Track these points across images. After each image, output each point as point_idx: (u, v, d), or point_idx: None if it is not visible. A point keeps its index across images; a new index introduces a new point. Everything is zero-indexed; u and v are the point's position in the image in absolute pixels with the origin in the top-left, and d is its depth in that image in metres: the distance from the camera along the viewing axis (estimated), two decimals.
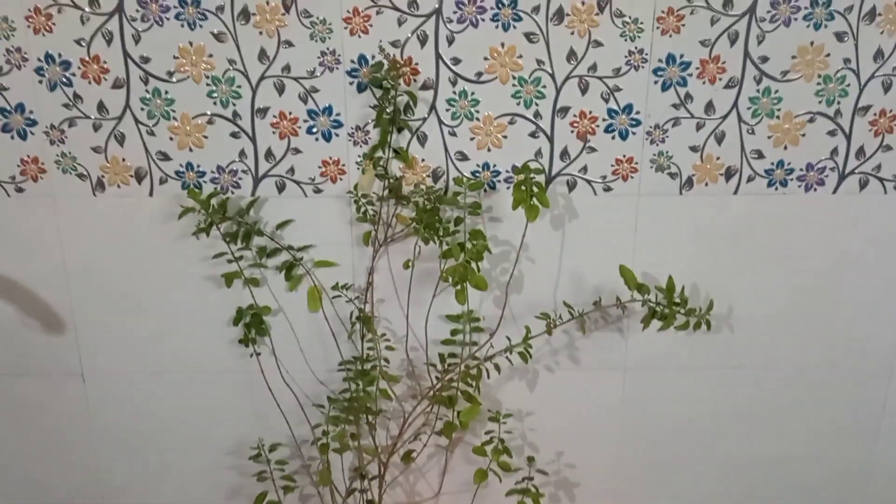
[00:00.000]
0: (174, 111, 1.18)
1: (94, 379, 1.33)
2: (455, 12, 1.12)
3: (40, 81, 1.15)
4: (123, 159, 1.20)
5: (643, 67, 1.16)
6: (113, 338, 1.31)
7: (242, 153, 1.20)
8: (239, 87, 1.16)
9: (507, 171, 1.22)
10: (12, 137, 1.19)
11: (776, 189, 1.24)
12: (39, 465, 1.40)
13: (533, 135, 1.20)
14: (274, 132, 1.19)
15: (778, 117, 1.20)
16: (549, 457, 1.40)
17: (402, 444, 1.34)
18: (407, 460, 1.35)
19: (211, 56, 1.14)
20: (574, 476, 1.42)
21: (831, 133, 1.21)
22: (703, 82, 1.17)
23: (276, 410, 1.33)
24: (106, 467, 1.40)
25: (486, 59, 1.15)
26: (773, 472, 1.44)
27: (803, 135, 1.21)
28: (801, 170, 1.23)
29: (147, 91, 1.16)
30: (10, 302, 1.28)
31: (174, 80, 1.16)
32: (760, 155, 1.22)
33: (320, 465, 1.32)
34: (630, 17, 1.13)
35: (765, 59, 1.16)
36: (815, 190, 1.24)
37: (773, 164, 1.22)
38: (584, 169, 1.22)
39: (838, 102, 1.19)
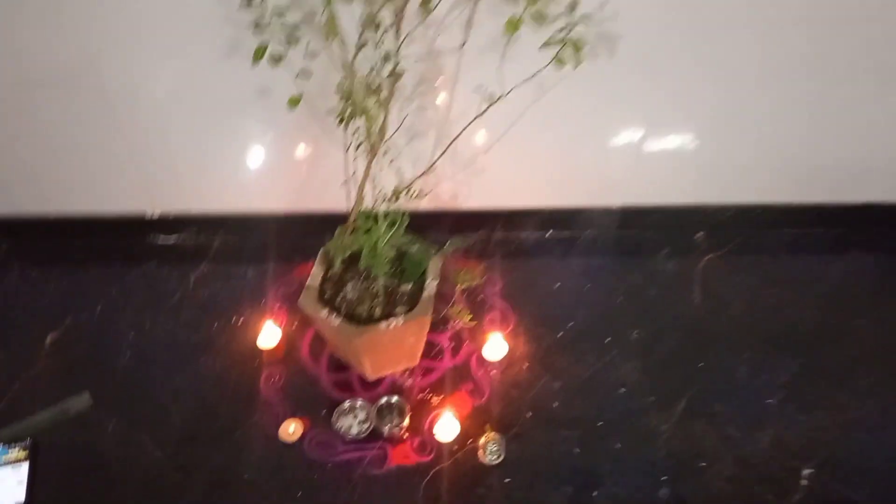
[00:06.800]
0: None
1: None
2: None
3: None
4: None
5: None
6: None
7: None
8: None
9: None
10: None
11: None
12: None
13: None
14: None
15: None
16: (591, 7, 1.20)
17: None
18: (425, 6, 1.16)
19: None
20: (617, 28, 1.24)
21: None
22: None
23: None
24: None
25: None
26: (836, 32, 1.27)
27: None
28: None
29: None
30: None
31: None
32: None
33: (325, 16, 1.13)
34: None
35: None
36: None
37: None
38: None
39: None
